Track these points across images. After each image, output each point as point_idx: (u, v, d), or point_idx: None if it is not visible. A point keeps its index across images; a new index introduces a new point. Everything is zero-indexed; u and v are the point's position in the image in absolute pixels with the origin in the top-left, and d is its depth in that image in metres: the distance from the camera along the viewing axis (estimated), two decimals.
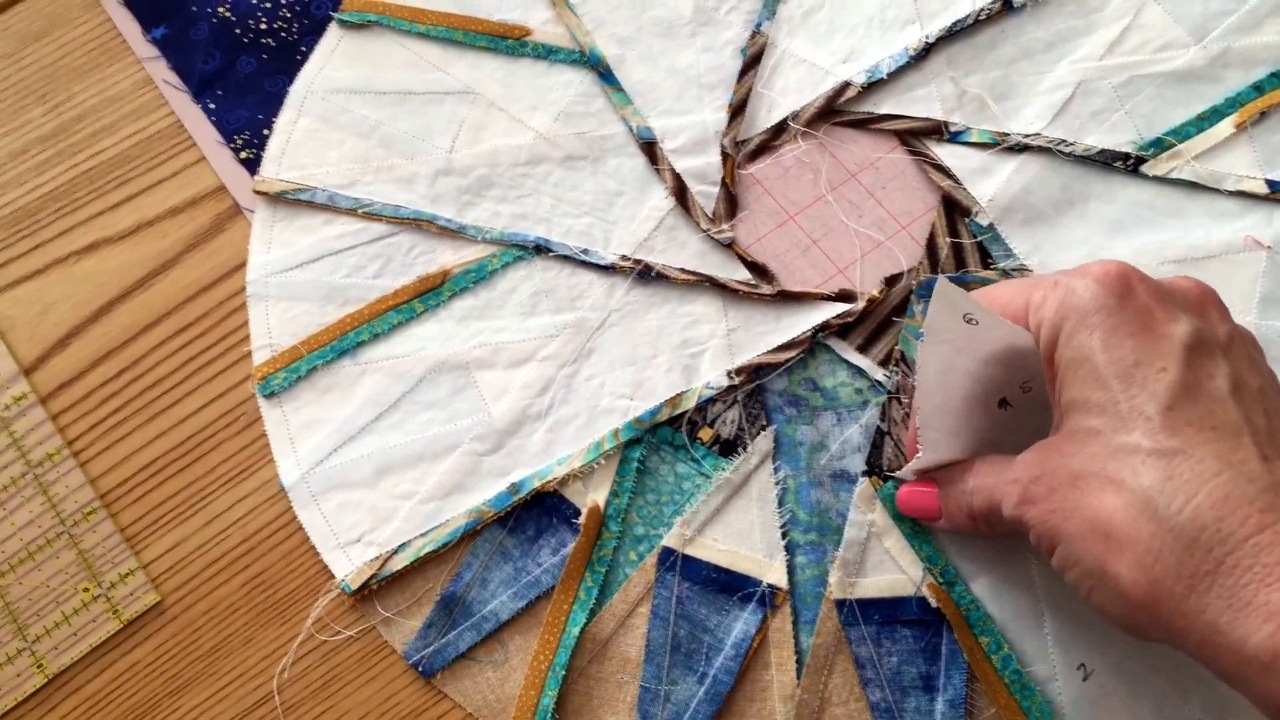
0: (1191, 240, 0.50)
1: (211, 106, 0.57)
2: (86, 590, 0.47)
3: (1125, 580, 0.33)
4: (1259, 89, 0.52)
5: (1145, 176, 0.51)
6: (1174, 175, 0.51)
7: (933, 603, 0.44)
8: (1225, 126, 0.52)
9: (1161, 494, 0.33)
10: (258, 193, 0.54)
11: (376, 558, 0.47)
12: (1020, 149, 0.52)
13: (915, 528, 0.45)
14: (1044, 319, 0.37)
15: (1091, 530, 0.34)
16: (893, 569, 0.45)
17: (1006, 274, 0.50)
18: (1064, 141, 0.52)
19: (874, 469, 0.47)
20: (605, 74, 0.55)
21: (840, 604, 0.45)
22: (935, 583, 0.44)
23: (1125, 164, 0.51)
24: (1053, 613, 0.43)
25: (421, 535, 0.47)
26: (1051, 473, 0.35)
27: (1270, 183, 0.50)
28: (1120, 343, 0.35)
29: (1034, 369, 0.40)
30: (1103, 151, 0.52)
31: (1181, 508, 0.32)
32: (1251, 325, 0.48)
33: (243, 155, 0.56)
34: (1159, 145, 0.52)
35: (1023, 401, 0.41)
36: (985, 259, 0.50)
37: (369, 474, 0.49)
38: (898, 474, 0.45)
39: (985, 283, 0.49)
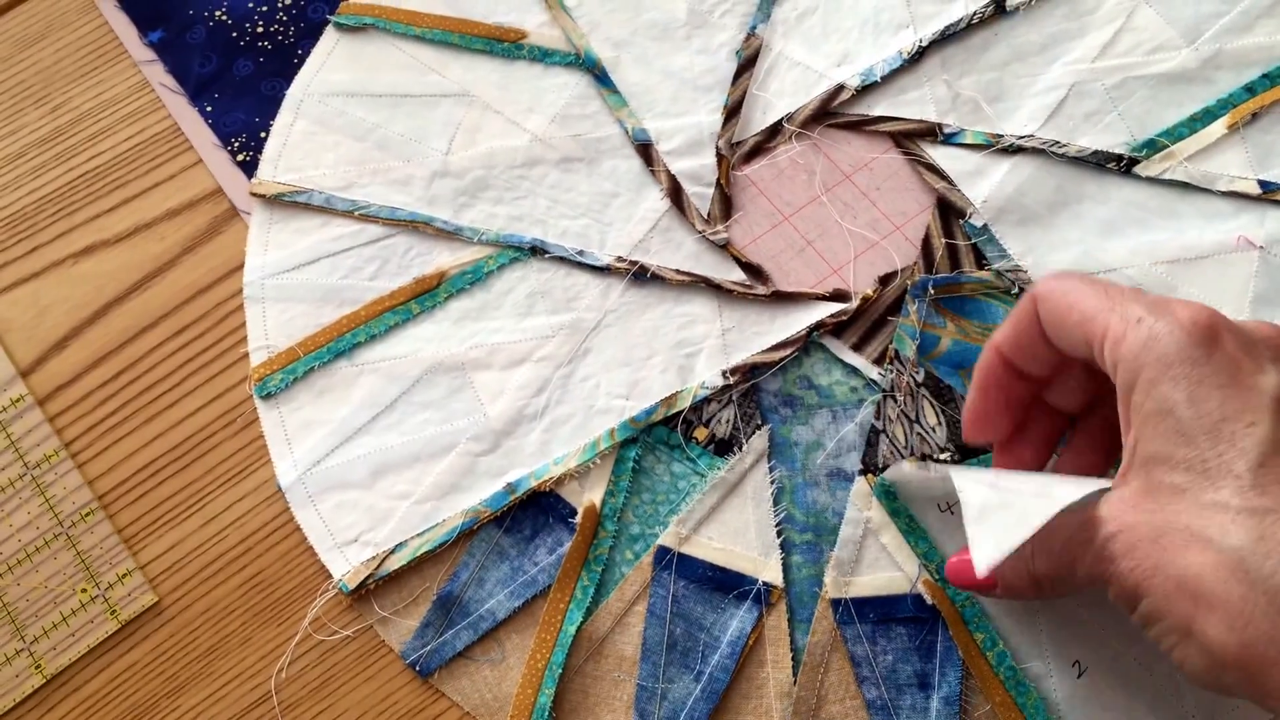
0: (1185, 240, 0.50)
1: (208, 109, 0.57)
2: (84, 591, 0.47)
3: (1215, 642, 0.32)
4: (1251, 90, 0.53)
5: (1138, 177, 0.52)
6: (1167, 176, 0.51)
7: (928, 599, 0.44)
8: (1218, 128, 0.52)
9: (1254, 554, 0.31)
10: (254, 195, 0.54)
11: (373, 558, 0.47)
12: (1014, 150, 0.52)
13: (911, 524, 0.45)
14: (1121, 358, 0.35)
15: (1178, 589, 0.32)
16: (889, 566, 0.45)
17: (1001, 275, 0.50)
18: (1057, 143, 0.52)
19: (870, 467, 0.47)
20: (601, 76, 0.56)
21: (836, 603, 0.45)
22: (931, 579, 0.44)
23: (1118, 165, 0.52)
24: (1047, 609, 0.44)
25: (418, 535, 0.47)
26: (1131, 528, 0.34)
27: (1263, 183, 0.51)
28: (1207, 395, 0.34)
29: None
30: (1096, 153, 0.52)
31: (1275, 569, 0.31)
32: None
33: (239, 158, 0.56)
34: (1152, 146, 0.52)
35: None
36: (980, 260, 0.51)
37: (365, 475, 0.49)
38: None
39: (981, 283, 0.50)
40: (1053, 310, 0.38)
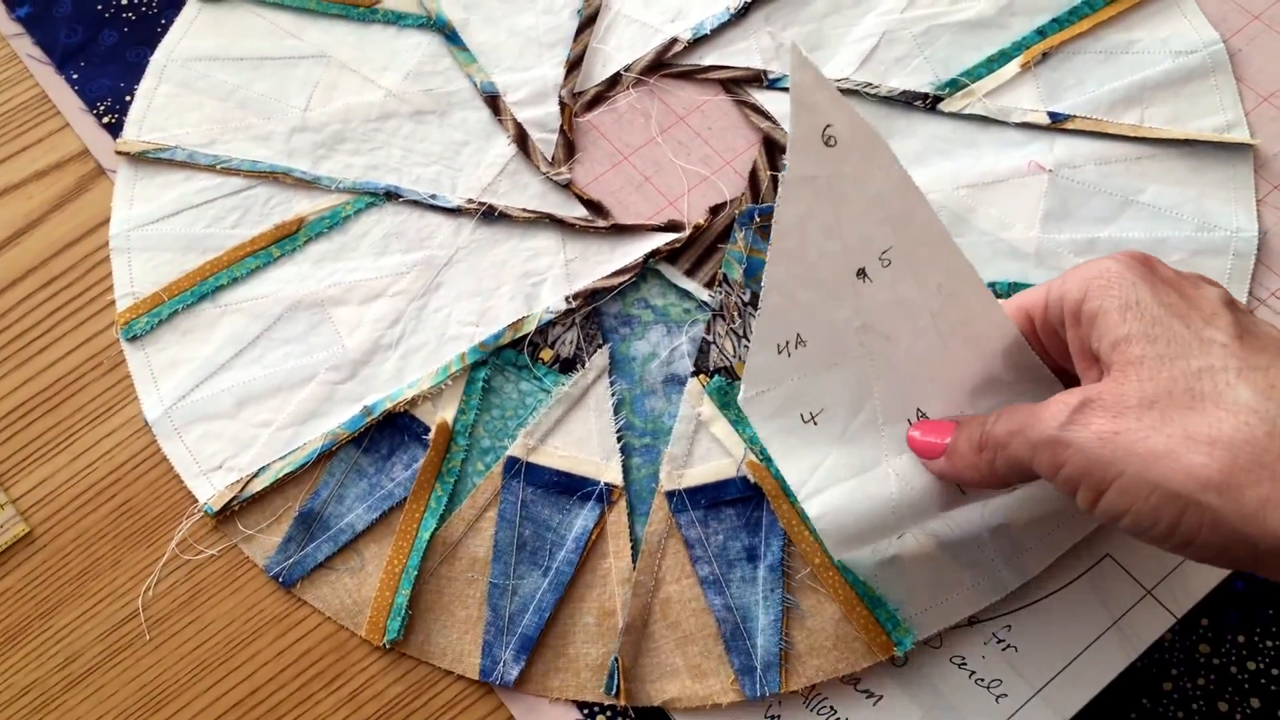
0: (983, 167, 0.55)
1: (75, 77, 0.60)
2: None
3: (1248, 484, 0.31)
4: (1041, 33, 0.58)
5: (942, 113, 0.57)
6: (967, 111, 0.56)
7: (752, 479, 0.48)
8: (1012, 67, 0.57)
9: (1270, 400, 0.31)
10: (120, 153, 0.57)
11: (237, 481, 0.50)
12: None
13: (739, 414, 0.49)
14: (1068, 288, 0.37)
15: (1186, 443, 0.31)
16: (718, 454, 0.49)
17: None
18: (870, 84, 0.57)
19: (701, 369, 0.51)
20: (451, 36, 0.59)
21: (670, 494, 0.49)
22: (755, 460, 0.48)
23: (924, 103, 0.57)
24: None
25: (280, 459, 0.50)
26: (1116, 396, 0.33)
27: (1051, 114, 0.56)
28: (1167, 293, 0.35)
29: (898, 228, 0.38)
30: (905, 92, 0.57)
31: None
32: (1035, 239, 0.53)
33: (105, 121, 0.58)
34: (954, 85, 0.57)
35: (886, 293, 0.39)
36: None
37: (229, 406, 0.51)
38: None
39: None
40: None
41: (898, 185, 0.37)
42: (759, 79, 0.58)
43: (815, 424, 0.41)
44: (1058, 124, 0.56)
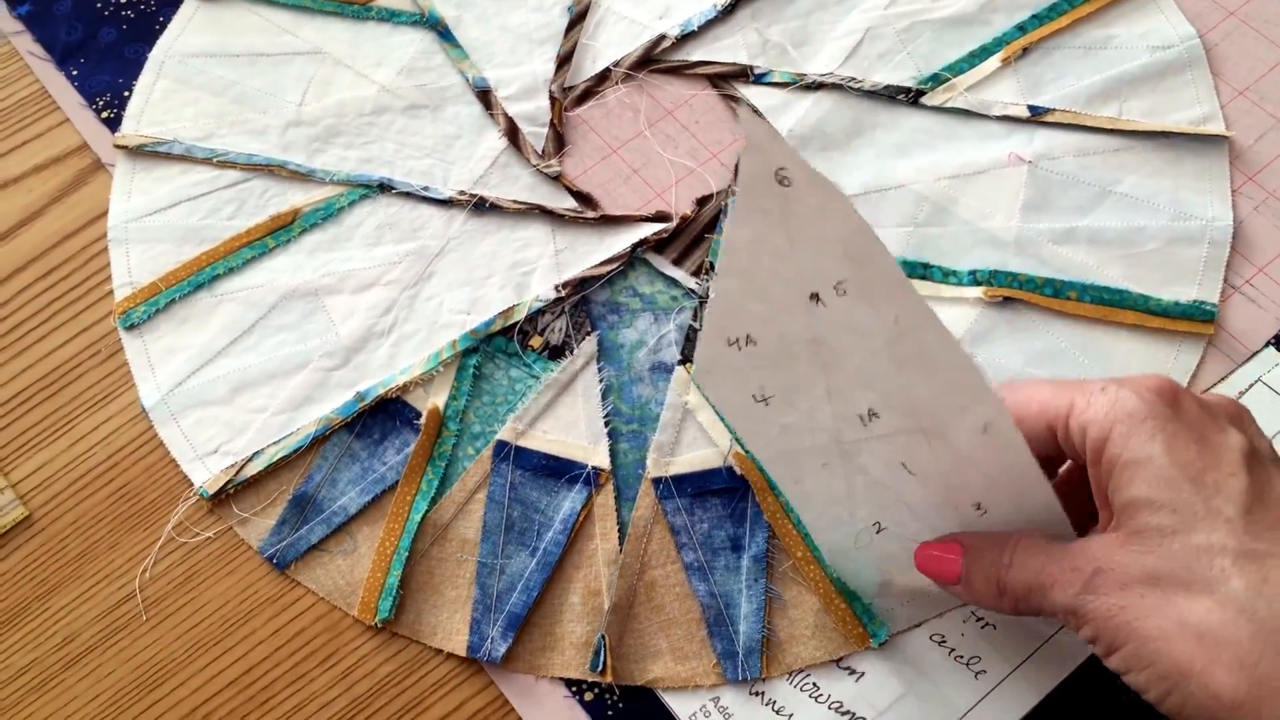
0: (965, 159, 0.56)
1: (74, 73, 0.61)
2: None
3: (1224, 685, 0.32)
4: (1022, 29, 0.59)
5: (924, 107, 0.58)
6: (949, 105, 0.58)
7: (738, 470, 0.49)
8: (993, 62, 0.58)
9: (1260, 597, 0.32)
10: (118, 147, 0.58)
11: (232, 465, 0.51)
12: (816, 87, 0.58)
13: None
14: (1091, 420, 0.36)
15: (1179, 630, 0.32)
16: (704, 444, 0.50)
17: None
18: (854, 79, 0.58)
19: (688, 358, 0.52)
20: (444, 33, 0.61)
21: (657, 481, 0.50)
22: (740, 452, 0.49)
23: (907, 96, 0.58)
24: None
25: (274, 443, 0.51)
26: (1123, 567, 0.34)
27: (1031, 108, 0.57)
28: (1184, 447, 0.34)
29: (855, 266, 0.37)
30: (888, 87, 0.58)
31: None
32: (1015, 228, 0.54)
33: (104, 115, 0.60)
34: (936, 80, 0.58)
35: (841, 317, 0.39)
36: None
37: (225, 392, 0.52)
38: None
39: None
40: (1014, 409, 0.39)
41: (855, 230, 0.36)
42: (745, 74, 0.59)
43: (766, 405, 0.41)
44: (1037, 117, 0.57)
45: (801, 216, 0.36)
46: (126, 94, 0.60)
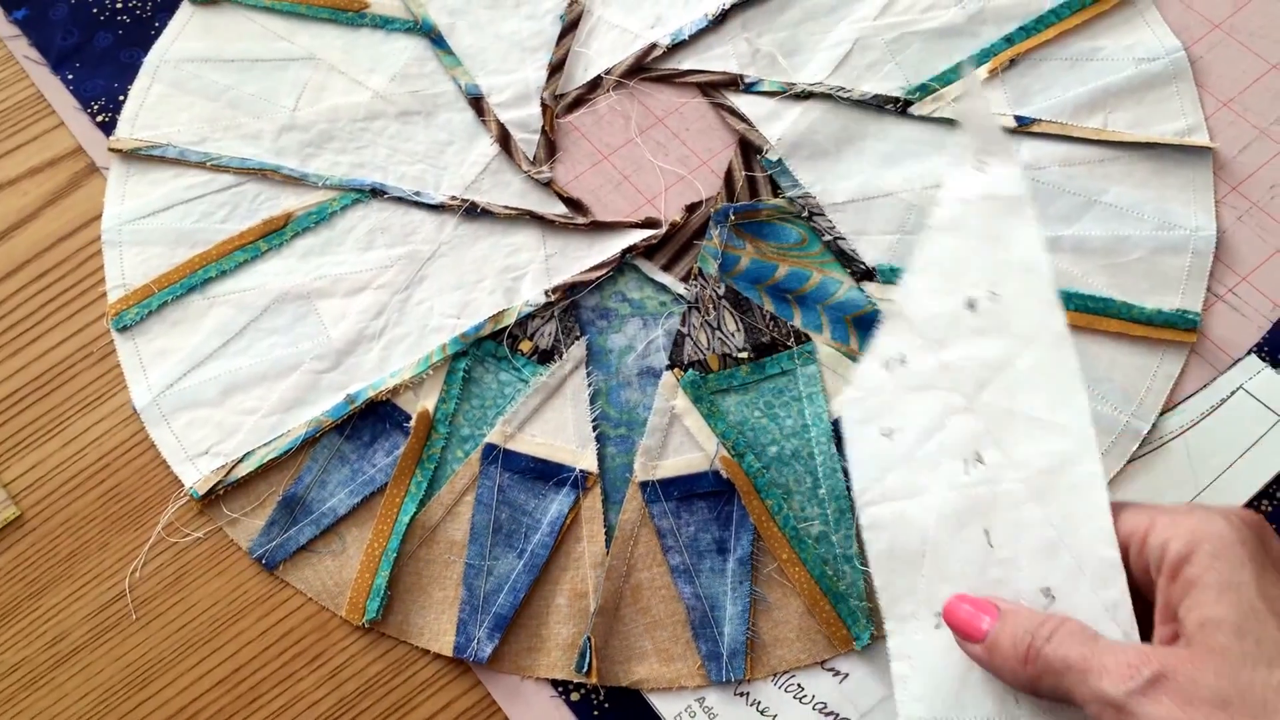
0: None
1: (70, 77, 0.61)
2: None
3: None
4: (1009, 40, 0.60)
5: (913, 116, 0.58)
6: (936, 115, 0.58)
7: (724, 474, 0.49)
8: (981, 73, 0.59)
9: None
10: (112, 150, 0.58)
11: (222, 466, 0.51)
12: (805, 96, 0.59)
13: (712, 409, 0.51)
14: (1174, 537, 0.35)
15: None
16: (691, 448, 0.50)
17: (793, 201, 0.56)
18: (843, 89, 0.59)
19: (676, 363, 0.52)
20: (437, 40, 0.61)
21: (644, 485, 0.50)
22: (727, 455, 0.50)
23: (895, 106, 0.58)
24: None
25: (264, 445, 0.52)
26: (1190, 682, 0.33)
27: (1018, 118, 0.58)
28: (1274, 581, 0.34)
29: (1019, 271, 0.39)
30: (876, 96, 0.59)
31: None
32: None
33: (99, 119, 0.60)
34: (924, 90, 0.59)
35: (982, 327, 0.40)
36: (775, 189, 0.57)
37: (216, 394, 0.53)
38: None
39: (776, 209, 0.56)
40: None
41: (1029, 238, 0.39)
42: (735, 83, 0.60)
43: (890, 440, 0.41)
44: (1024, 127, 0.57)
45: (985, 216, 0.39)
46: (121, 98, 0.60)
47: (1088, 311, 0.52)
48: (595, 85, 0.60)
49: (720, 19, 0.61)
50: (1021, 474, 0.38)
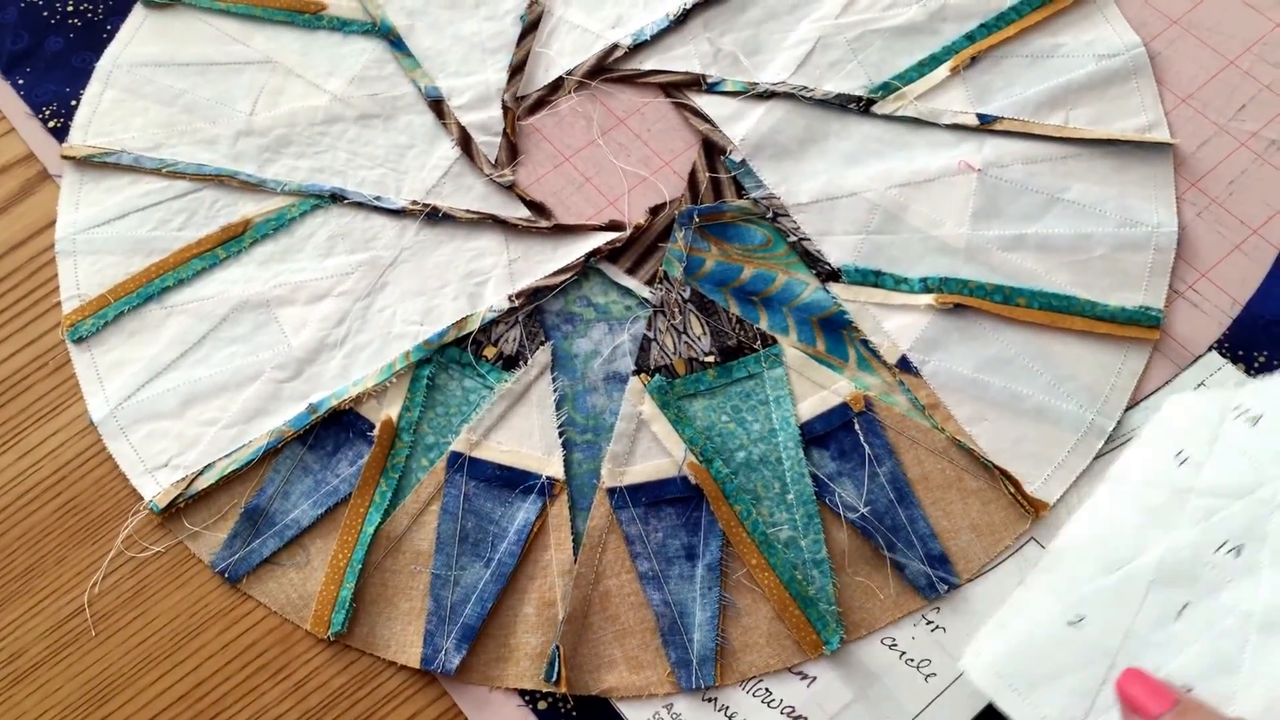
0: (915, 166, 0.57)
1: (20, 82, 0.60)
2: None
3: None
4: (970, 38, 0.60)
5: (875, 115, 0.58)
6: (899, 114, 0.58)
7: (692, 480, 0.49)
8: (942, 71, 0.59)
9: None
10: (65, 158, 0.57)
11: (183, 479, 0.50)
12: (768, 96, 0.59)
13: (679, 414, 0.50)
14: None
15: None
16: (659, 454, 0.50)
17: (757, 203, 0.56)
18: (805, 88, 0.59)
19: (642, 368, 0.52)
20: (396, 42, 0.60)
21: (612, 491, 0.50)
22: (695, 462, 0.49)
23: (858, 105, 0.58)
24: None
25: (225, 456, 0.51)
26: None
27: (980, 116, 0.58)
28: None
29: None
30: (839, 95, 0.58)
31: None
32: (965, 235, 0.55)
33: (51, 125, 0.59)
34: (886, 89, 0.59)
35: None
36: (739, 190, 0.57)
37: (175, 405, 0.52)
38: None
39: (740, 210, 0.55)
40: None
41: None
42: (698, 83, 0.59)
43: (1077, 628, 0.41)
44: (986, 125, 0.57)
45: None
46: (74, 103, 0.59)
47: (1052, 310, 0.52)
48: (557, 86, 0.60)
49: (682, 19, 0.61)
50: (1268, 594, 0.39)
